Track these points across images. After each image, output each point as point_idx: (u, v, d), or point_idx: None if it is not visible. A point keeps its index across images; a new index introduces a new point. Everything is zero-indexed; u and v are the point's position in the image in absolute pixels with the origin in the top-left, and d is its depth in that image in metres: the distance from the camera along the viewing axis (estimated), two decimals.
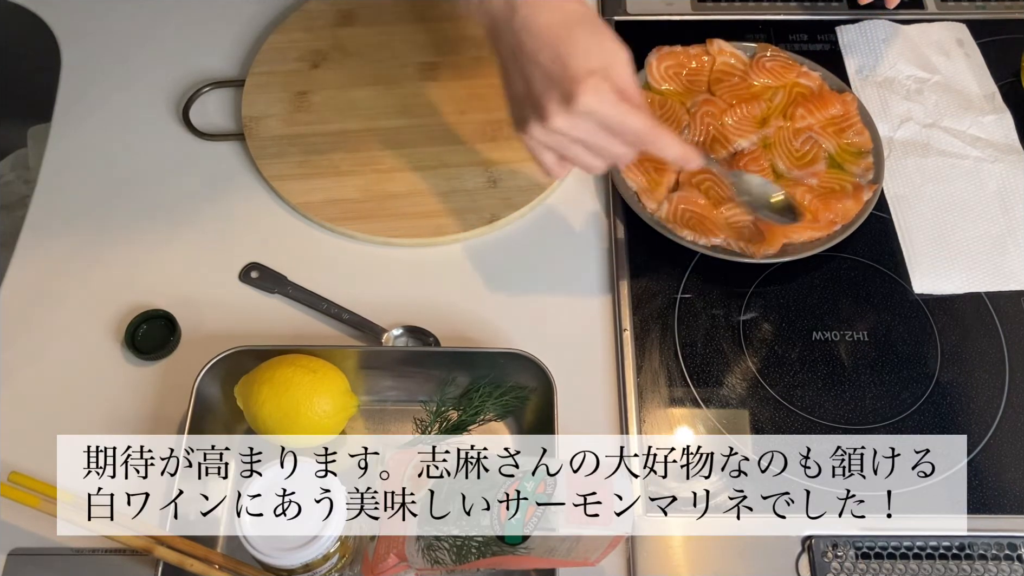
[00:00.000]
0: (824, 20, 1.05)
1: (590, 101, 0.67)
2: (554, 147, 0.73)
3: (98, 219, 0.90)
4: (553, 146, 0.72)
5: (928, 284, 0.87)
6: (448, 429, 0.74)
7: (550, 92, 0.68)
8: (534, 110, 0.70)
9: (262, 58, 0.99)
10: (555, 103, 0.68)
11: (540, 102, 0.69)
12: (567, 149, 0.72)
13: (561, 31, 0.69)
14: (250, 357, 0.75)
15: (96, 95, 0.98)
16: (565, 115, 0.68)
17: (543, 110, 0.69)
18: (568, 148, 0.72)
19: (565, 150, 0.73)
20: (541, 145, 0.73)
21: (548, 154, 0.74)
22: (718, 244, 0.86)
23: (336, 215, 0.89)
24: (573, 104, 0.67)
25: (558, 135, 0.71)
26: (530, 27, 0.69)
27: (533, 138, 0.72)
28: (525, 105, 0.71)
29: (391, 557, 0.66)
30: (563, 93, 0.68)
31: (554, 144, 0.72)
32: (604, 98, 0.68)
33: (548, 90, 0.69)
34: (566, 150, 0.73)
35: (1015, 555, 0.73)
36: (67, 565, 0.72)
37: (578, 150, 0.72)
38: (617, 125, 0.70)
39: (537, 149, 0.74)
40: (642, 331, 0.84)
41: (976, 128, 0.96)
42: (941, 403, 0.81)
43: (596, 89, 0.67)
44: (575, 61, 0.68)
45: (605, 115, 0.69)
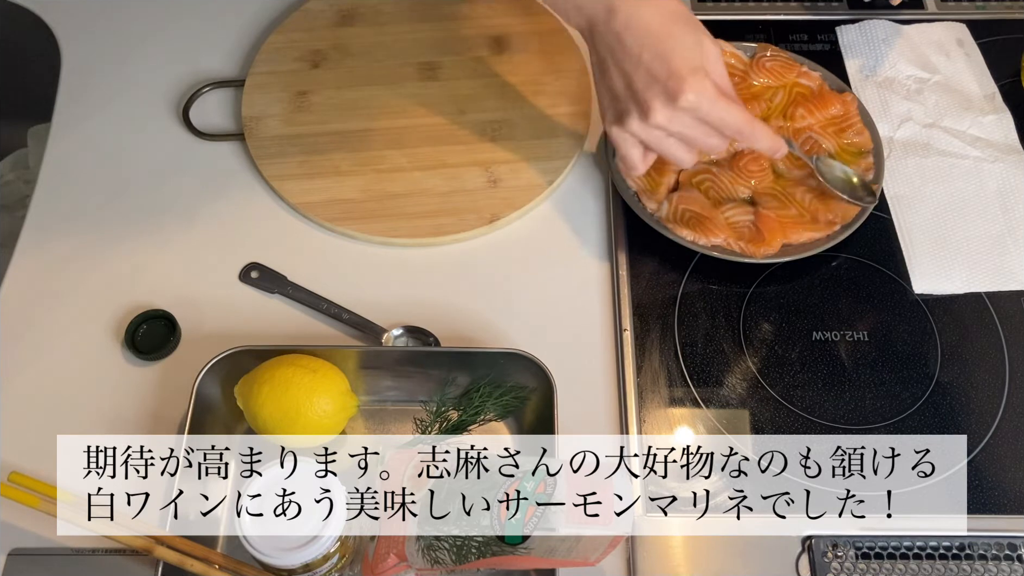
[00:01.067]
0: (824, 20, 1.05)
1: (693, 98, 0.71)
2: (649, 141, 0.75)
3: (98, 219, 0.90)
4: (649, 140, 0.75)
5: (928, 284, 0.87)
6: (448, 429, 0.75)
7: (653, 89, 0.71)
8: (636, 106, 0.73)
9: (262, 58, 0.99)
10: (659, 100, 0.71)
11: (643, 98, 0.72)
12: (662, 143, 0.75)
13: (662, 29, 0.72)
14: (250, 357, 0.75)
15: (96, 95, 0.98)
16: (668, 111, 0.72)
17: (646, 105, 0.72)
18: (663, 142, 0.75)
19: (659, 144, 0.75)
20: (633, 140, 0.75)
21: (636, 149, 0.76)
22: (718, 244, 0.86)
23: (336, 215, 0.89)
24: (677, 101, 0.71)
25: (657, 130, 0.73)
26: (631, 26, 0.72)
27: (631, 133, 0.75)
28: (625, 101, 0.74)
29: (391, 557, 0.66)
30: (667, 90, 0.71)
31: (650, 139, 0.75)
32: (706, 95, 0.71)
33: (651, 87, 0.71)
34: (661, 144, 0.75)
35: (1015, 555, 0.73)
36: (67, 565, 0.72)
37: (672, 143, 0.75)
38: (717, 121, 0.73)
39: (627, 144, 0.76)
40: (642, 331, 0.84)
41: (976, 128, 0.96)
42: (941, 403, 0.81)
43: (699, 86, 0.71)
44: (677, 59, 0.71)
45: (707, 111, 0.72)
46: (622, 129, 0.75)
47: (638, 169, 0.78)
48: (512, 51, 0.99)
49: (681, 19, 0.73)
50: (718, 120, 0.73)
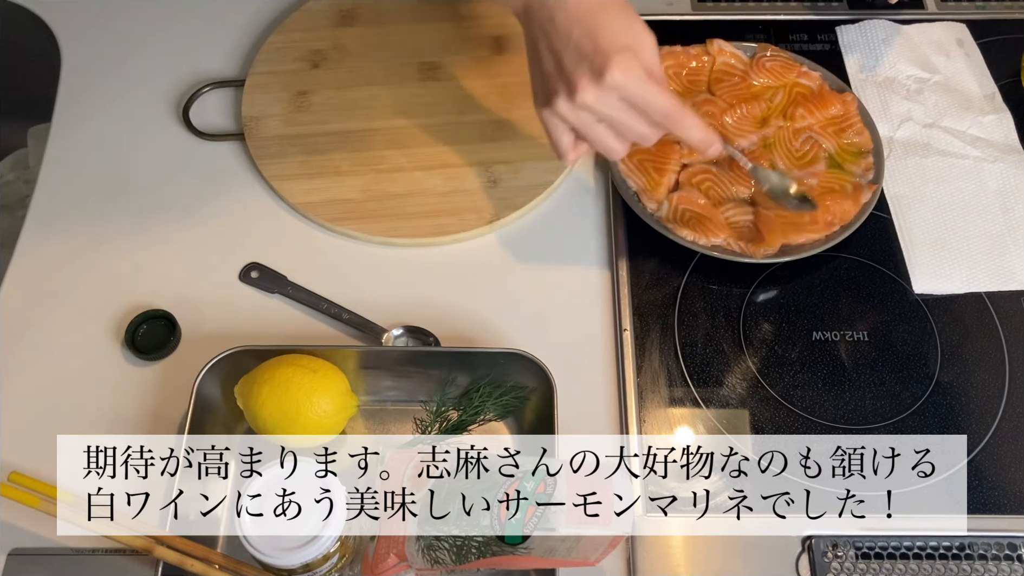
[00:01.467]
0: (824, 20, 1.05)
1: (619, 76, 0.69)
2: (578, 125, 0.74)
3: (98, 219, 0.90)
4: (577, 124, 0.74)
5: (928, 284, 0.87)
6: (448, 429, 0.75)
7: (581, 66, 0.70)
8: (564, 84, 0.72)
9: (262, 58, 0.99)
10: (585, 77, 0.70)
11: (570, 77, 0.71)
12: (591, 129, 0.74)
13: (595, 10, 0.71)
14: (250, 357, 0.75)
15: (96, 95, 0.98)
16: (595, 88, 0.70)
17: (573, 84, 0.71)
18: (592, 128, 0.74)
19: (589, 129, 0.74)
20: (562, 124, 0.74)
21: (567, 135, 0.75)
22: (718, 244, 0.86)
23: (336, 215, 0.89)
24: (604, 78, 0.69)
25: (584, 111, 0.72)
26: (564, 5, 0.72)
27: (558, 114, 0.73)
28: (553, 81, 0.73)
29: (391, 557, 0.66)
30: (593, 67, 0.70)
31: (578, 122, 0.73)
32: (633, 74, 0.70)
33: (579, 64, 0.70)
34: (590, 129, 0.74)
35: (1015, 555, 0.73)
36: (67, 565, 0.72)
37: (601, 130, 0.74)
38: (644, 102, 0.71)
39: (557, 129, 0.75)
40: (642, 331, 0.84)
41: (976, 128, 0.96)
42: (941, 403, 0.81)
43: (626, 65, 0.70)
44: (606, 38, 0.70)
45: (634, 91, 0.70)
46: (551, 111, 0.73)
47: (568, 156, 0.76)
48: (512, 51, 0.99)
49: (616, 3, 0.72)
50: (644, 102, 0.71)
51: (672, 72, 0.96)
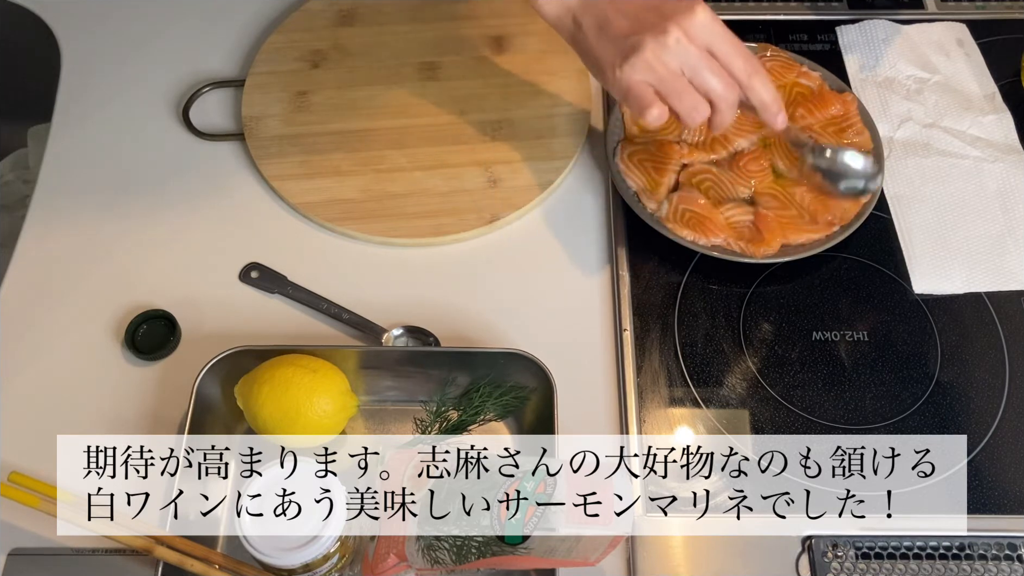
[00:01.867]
0: (824, 20, 1.05)
1: (707, 16, 0.72)
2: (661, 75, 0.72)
3: (98, 219, 0.90)
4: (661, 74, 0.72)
5: (928, 284, 0.87)
6: (448, 429, 0.75)
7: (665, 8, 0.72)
8: (650, 30, 0.72)
9: (262, 58, 0.99)
10: (673, 20, 0.71)
11: (658, 20, 0.72)
12: (675, 80, 0.72)
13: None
14: (250, 357, 0.75)
15: (96, 95, 0.98)
16: (685, 24, 0.71)
17: (661, 25, 0.71)
18: (676, 79, 0.72)
19: (672, 82, 0.72)
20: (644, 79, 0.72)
21: (649, 89, 0.73)
22: (718, 244, 0.86)
23: (336, 215, 0.89)
24: (695, 13, 0.71)
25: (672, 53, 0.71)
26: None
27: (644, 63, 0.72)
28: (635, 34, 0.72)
29: (391, 557, 0.66)
30: (678, 8, 0.72)
31: (663, 70, 0.72)
32: (717, 19, 0.73)
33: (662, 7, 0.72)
34: (673, 82, 0.72)
35: (1015, 555, 0.73)
36: (67, 565, 0.72)
37: (684, 83, 0.73)
38: (728, 50, 0.73)
39: (638, 86, 0.73)
40: (642, 331, 0.84)
41: (976, 128, 0.96)
42: (941, 403, 0.81)
43: (710, 11, 0.72)
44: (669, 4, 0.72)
45: (722, 35, 0.73)
46: (632, 65, 0.72)
47: (652, 111, 0.73)
48: (512, 51, 0.99)
49: None
50: (729, 51, 0.73)
51: None
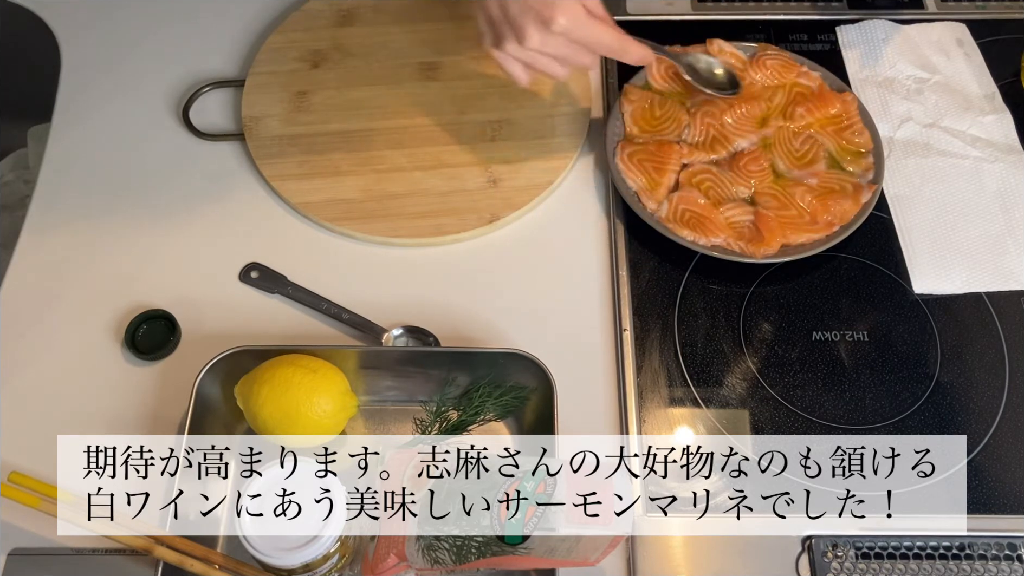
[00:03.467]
0: (824, 20, 1.05)
1: (564, 22, 0.76)
2: (526, 60, 0.81)
3: (98, 219, 0.90)
4: (525, 60, 0.80)
5: (928, 284, 0.87)
6: (448, 429, 0.74)
7: (527, 15, 0.77)
8: (511, 30, 0.78)
9: (262, 58, 0.99)
10: (532, 26, 0.77)
11: (518, 23, 0.77)
12: (538, 61, 0.80)
13: None
14: (250, 357, 0.75)
15: (96, 95, 0.98)
16: (541, 35, 0.77)
17: (521, 31, 0.77)
18: (538, 60, 0.80)
19: (535, 62, 0.80)
20: (513, 59, 0.81)
21: (517, 65, 0.81)
22: (718, 244, 0.86)
23: (336, 215, 0.89)
24: (550, 26, 0.76)
25: (532, 52, 0.79)
26: None
27: (508, 53, 0.80)
28: (501, 26, 0.79)
29: (391, 557, 0.66)
30: (540, 16, 0.76)
31: (527, 58, 0.80)
32: (577, 19, 0.77)
33: (525, 14, 0.77)
34: (536, 62, 0.80)
35: (1015, 555, 0.73)
36: (67, 565, 0.72)
37: (547, 61, 0.80)
38: (587, 41, 0.79)
39: (508, 62, 0.81)
40: (642, 331, 0.84)
41: (976, 128, 0.96)
42: (941, 403, 0.81)
43: (570, 11, 0.77)
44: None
45: (579, 34, 0.78)
46: (501, 51, 0.80)
47: (522, 81, 0.82)
48: None
49: None
50: (588, 41, 0.79)
51: (672, 72, 0.96)
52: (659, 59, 0.96)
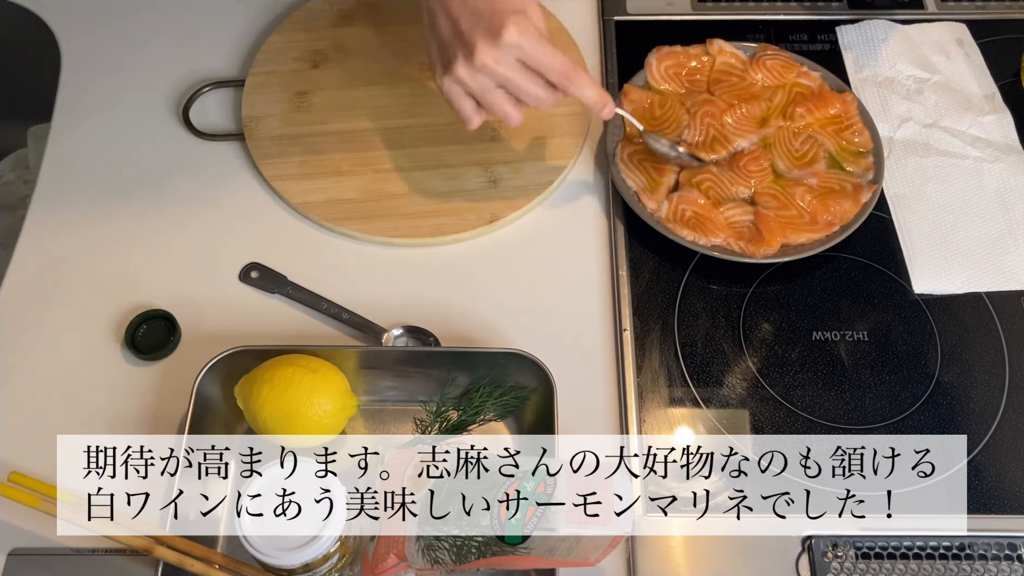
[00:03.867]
0: (824, 20, 1.05)
1: (516, 34, 0.73)
2: (476, 90, 0.76)
3: (98, 219, 0.90)
4: (476, 88, 0.76)
5: (928, 284, 0.87)
6: (448, 429, 0.74)
7: (478, 28, 0.74)
8: (462, 47, 0.75)
9: (262, 58, 0.99)
10: (483, 38, 0.73)
11: (468, 38, 0.74)
12: (488, 94, 0.76)
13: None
14: (250, 357, 0.75)
15: (96, 95, 0.98)
16: (492, 48, 0.73)
17: (471, 45, 0.74)
18: (489, 92, 0.76)
19: (487, 94, 0.76)
20: (462, 90, 0.77)
21: (467, 100, 0.78)
22: (718, 244, 0.86)
23: (336, 215, 0.89)
24: (501, 37, 0.73)
25: (483, 73, 0.75)
26: None
27: (458, 80, 0.76)
28: (452, 46, 0.76)
29: (391, 557, 0.66)
30: (490, 27, 0.73)
31: (477, 86, 0.76)
32: (528, 34, 0.74)
33: (476, 27, 0.74)
34: (487, 95, 0.76)
35: (1015, 555, 0.73)
36: (67, 565, 0.72)
37: (499, 96, 0.77)
38: (539, 61, 0.75)
39: (458, 96, 0.78)
40: (642, 331, 0.84)
41: (976, 128, 0.96)
42: (941, 403, 0.81)
43: (521, 25, 0.73)
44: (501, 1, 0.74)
45: (530, 50, 0.74)
46: (451, 77, 0.76)
47: (472, 122, 0.79)
48: None
49: None
50: (539, 62, 0.75)
51: (672, 72, 0.96)
52: (660, 58, 0.96)
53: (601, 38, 1.02)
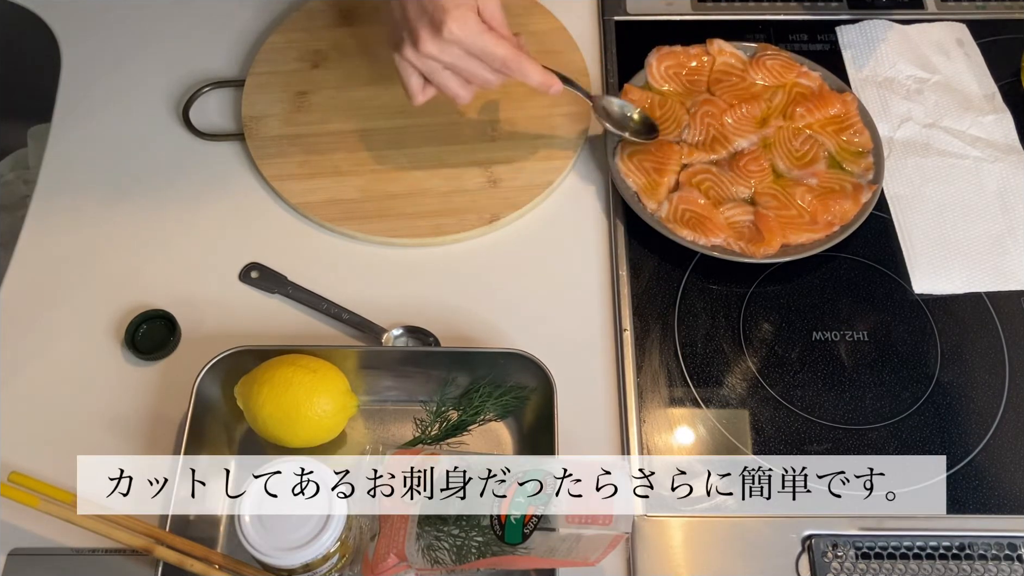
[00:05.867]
0: (824, 20, 1.05)
1: (456, 29, 0.75)
2: (425, 71, 0.79)
3: (98, 219, 0.90)
4: (424, 70, 0.79)
5: (928, 284, 0.87)
6: (448, 429, 0.75)
7: (422, 20, 0.76)
8: (408, 34, 0.77)
9: (262, 58, 0.99)
10: (426, 30, 0.76)
11: (413, 27, 0.76)
12: (437, 74, 0.79)
13: None
14: (250, 357, 0.75)
15: (96, 95, 0.98)
16: (434, 41, 0.76)
17: (415, 34, 0.76)
18: (437, 73, 0.79)
19: (435, 75, 0.79)
20: (411, 68, 0.79)
21: (415, 77, 0.80)
22: (718, 244, 0.86)
23: (336, 215, 0.89)
24: (441, 32, 0.75)
25: (430, 60, 0.77)
26: None
27: (407, 59, 0.78)
28: (400, 29, 0.78)
29: (391, 557, 0.66)
30: (433, 22, 0.75)
31: (424, 68, 0.79)
32: (470, 28, 0.75)
33: (420, 18, 0.76)
34: (436, 75, 0.79)
35: (1015, 555, 0.73)
36: (67, 565, 0.72)
37: (447, 76, 0.79)
38: (481, 52, 0.77)
39: (407, 72, 0.80)
40: (642, 331, 0.84)
41: (976, 128, 0.96)
42: (941, 403, 0.81)
43: (462, 19, 0.75)
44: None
45: (470, 44, 0.76)
46: (400, 56, 0.79)
47: (416, 99, 0.81)
48: None
49: None
50: (482, 52, 0.77)
51: (672, 72, 0.96)
52: (660, 58, 0.96)
53: (601, 38, 1.02)
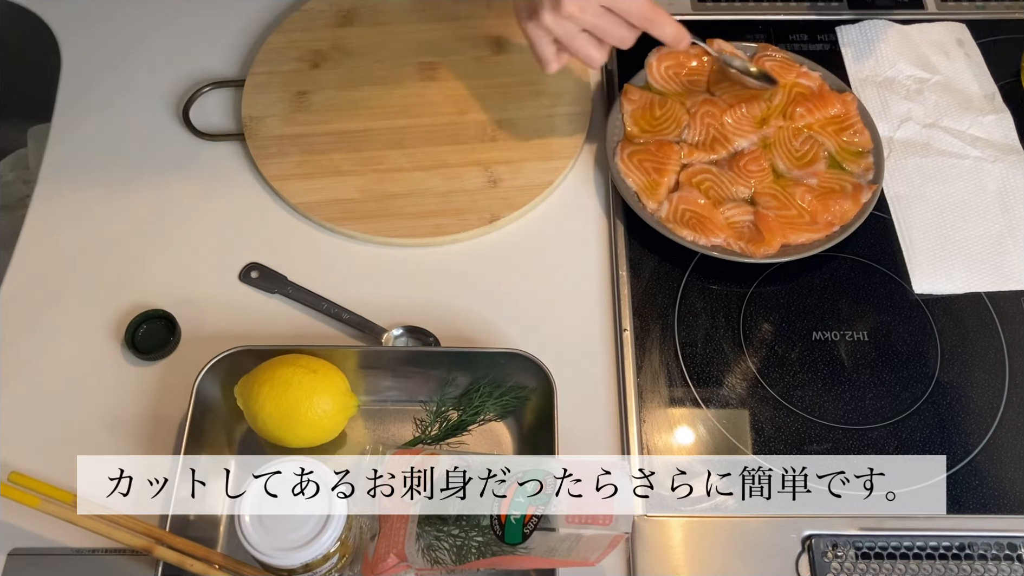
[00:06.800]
0: (824, 20, 1.05)
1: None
2: (561, 35, 0.79)
3: (98, 219, 0.90)
4: (561, 34, 0.79)
5: (928, 284, 0.87)
6: (448, 429, 0.75)
7: None
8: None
9: (262, 58, 0.99)
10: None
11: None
12: (574, 40, 0.79)
13: None
14: (250, 357, 0.75)
15: (96, 95, 0.98)
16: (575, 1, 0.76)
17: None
18: (575, 38, 0.79)
19: (571, 39, 0.79)
20: (547, 36, 0.80)
21: (550, 46, 0.80)
22: (718, 244, 0.86)
23: (336, 215, 0.89)
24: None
25: (568, 20, 0.77)
26: None
27: (543, 26, 0.78)
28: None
29: (391, 557, 0.66)
30: None
31: (562, 31, 0.79)
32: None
33: None
34: (573, 41, 0.79)
35: (1015, 555, 0.73)
36: (67, 565, 0.72)
37: (583, 39, 0.79)
38: (621, 9, 0.77)
39: (541, 41, 0.80)
40: (642, 331, 0.84)
41: (976, 128, 0.96)
42: (941, 403, 0.81)
43: None
44: None
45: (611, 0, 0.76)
46: (536, 23, 0.79)
47: (551, 66, 0.82)
48: (512, 51, 0.99)
49: None
50: (623, 8, 0.77)
51: (672, 72, 0.96)
52: (660, 58, 0.96)
53: None
